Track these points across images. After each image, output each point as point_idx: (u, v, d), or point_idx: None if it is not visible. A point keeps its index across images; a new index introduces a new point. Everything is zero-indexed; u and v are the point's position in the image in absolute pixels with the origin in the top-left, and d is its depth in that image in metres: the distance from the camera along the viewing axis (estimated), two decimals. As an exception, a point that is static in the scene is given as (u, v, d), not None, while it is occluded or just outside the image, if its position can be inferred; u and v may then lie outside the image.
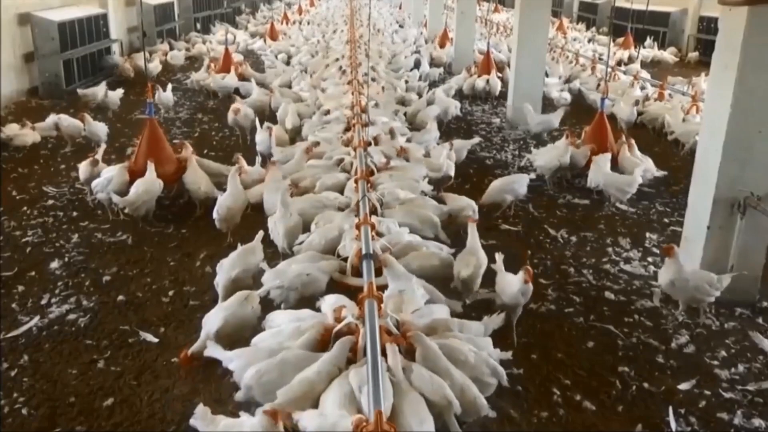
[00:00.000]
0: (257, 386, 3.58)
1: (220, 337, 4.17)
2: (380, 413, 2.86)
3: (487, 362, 3.79)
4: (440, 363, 3.61)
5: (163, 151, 7.27)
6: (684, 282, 4.95)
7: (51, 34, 12.14)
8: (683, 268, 4.98)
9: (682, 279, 4.95)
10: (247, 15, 27.83)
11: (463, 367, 3.68)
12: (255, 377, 3.59)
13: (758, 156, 5.09)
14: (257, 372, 3.60)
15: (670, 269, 4.98)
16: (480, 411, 3.59)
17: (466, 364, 3.71)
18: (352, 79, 11.02)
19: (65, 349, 4.64)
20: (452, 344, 3.80)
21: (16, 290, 5.44)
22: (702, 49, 18.97)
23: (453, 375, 3.57)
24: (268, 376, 3.58)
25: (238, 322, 4.26)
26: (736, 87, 4.93)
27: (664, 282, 5.04)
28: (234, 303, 4.32)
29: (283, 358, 3.65)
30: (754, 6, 4.75)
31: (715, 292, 4.99)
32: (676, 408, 4.16)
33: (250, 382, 3.60)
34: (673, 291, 5.05)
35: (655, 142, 10.07)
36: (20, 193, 7.64)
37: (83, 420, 3.94)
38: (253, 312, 4.35)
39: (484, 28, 21.02)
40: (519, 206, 7.52)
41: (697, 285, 4.95)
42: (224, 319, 4.20)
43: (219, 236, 6.33)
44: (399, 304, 4.24)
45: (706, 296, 4.98)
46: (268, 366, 3.62)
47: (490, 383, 3.78)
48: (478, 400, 3.56)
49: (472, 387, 3.58)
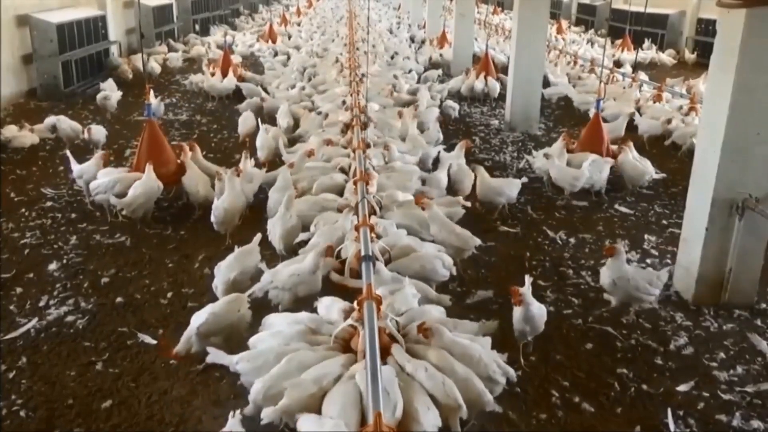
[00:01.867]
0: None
1: (204, 337, 4.18)
2: (379, 415, 2.85)
3: (496, 360, 3.82)
4: (449, 359, 3.66)
5: (162, 153, 7.28)
6: (625, 282, 4.92)
7: (49, 35, 12.16)
8: (624, 267, 4.96)
9: (624, 278, 4.92)
10: (246, 17, 27.85)
11: (477, 366, 3.71)
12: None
13: (756, 158, 5.10)
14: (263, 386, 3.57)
15: (612, 268, 4.95)
16: (485, 406, 3.61)
17: (480, 362, 3.73)
18: (351, 80, 11.03)
19: (63, 350, 4.64)
20: (464, 342, 3.83)
21: (14, 292, 5.44)
22: (700, 51, 19.01)
23: (457, 372, 3.59)
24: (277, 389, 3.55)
25: (223, 323, 4.24)
26: (735, 89, 4.93)
27: (606, 281, 5.00)
28: (220, 304, 4.32)
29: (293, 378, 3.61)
30: (752, 8, 4.75)
31: (655, 291, 4.98)
32: (675, 410, 4.16)
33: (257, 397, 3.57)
34: (614, 290, 5.00)
35: (653, 144, 10.08)
36: (18, 194, 7.64)
37: (81, 422, 3.93)
38: (240, 315, 4.33)
39: (483, 30, 21.03)
40: (517, 208, 7.53)
41: (638, 284, 4.93)
42: (208, 316, 4.20)
43: (217, 238, 6.32)
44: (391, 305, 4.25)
45: (646, 295, 4.96)
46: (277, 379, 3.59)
47: (500, 381, 3.80)
48: (483, 395, 3.58)
49: (478, 382, 3.60)
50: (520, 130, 11.03)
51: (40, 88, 12.45)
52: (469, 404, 3.51)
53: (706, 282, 5.40)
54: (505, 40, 19.33)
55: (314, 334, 4.10)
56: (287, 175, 6.52)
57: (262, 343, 4.03)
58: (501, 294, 5.15)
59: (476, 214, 7.16)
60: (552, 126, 11.63)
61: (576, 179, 7.56)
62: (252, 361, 3.81)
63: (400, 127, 8.96)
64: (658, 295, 5.17)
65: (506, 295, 4.80)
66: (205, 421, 3.92)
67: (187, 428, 3.88)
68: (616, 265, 4.95)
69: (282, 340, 3.98)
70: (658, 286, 5.04)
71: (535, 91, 11.19)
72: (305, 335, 4.05)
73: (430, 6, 21.24)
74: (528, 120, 11.12)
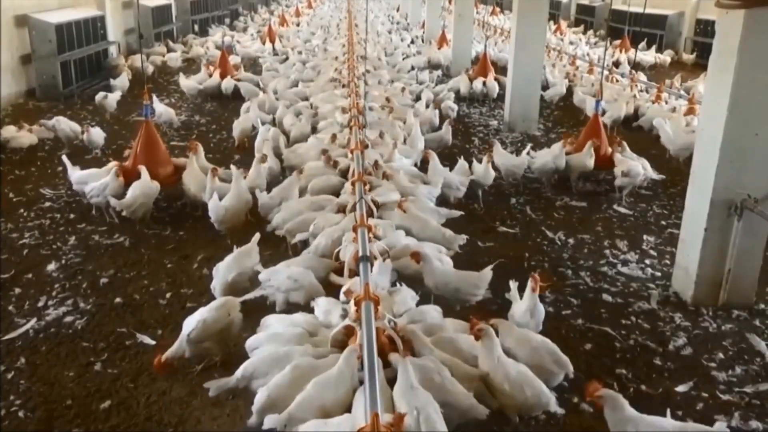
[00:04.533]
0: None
1: (196, 342, 4.15)
2: (376, 415, 2.85)
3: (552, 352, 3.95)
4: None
5: (158, 154, 7.27)
6: (444, 285, 4.75)
7: (48, 36, 12.16)
8: (439, 271, 4.75)
9: (443, 282, 4.74)
10: (245, 17, 27.84)
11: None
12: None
13: (755, 158, 5.10)
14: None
15: (428, 273, 4.71)
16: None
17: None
18: (350, 81, 11.02)
19: (62, 351, 4.64)
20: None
21: (13, 292, 5.43)
22: (699, 52, 19.02)
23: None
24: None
25: (214, 329, 4.21)
26: (733, 89, 4.94)
27: (429, 285, 4.77)
28: (210, 309, 4.27)
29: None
30: (750, 9, 4.76)
31: (479, 291, 4.82)
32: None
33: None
34: (439, 293, 4.80)
35: (652, 145, 10.09)
36: (17, 195, 7.64)
37: (80, 423, 3.93)
38: (230, 319, 4.30)
39: (481, 31, 21.03)
40: (517, 209, 7.54)
41: (458, 287, 4.75)
42: (197, 323, 4.16)
43: (217, 238, 6.32)
44: (390, 305, 4.24)
45: (471, 297, 4.81)
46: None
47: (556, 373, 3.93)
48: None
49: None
50: (519, 130, 11.03)
51: (39, 88, 12.45)
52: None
53: (704, 282, 5.40)
54: (504, 41, 19.34)
55: (312, 336, 4.08)
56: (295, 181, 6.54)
57: (258, 343, 4.01)
58: (499, 294, 5.14)
59: (477, 216, 7.17)
60: (551, 126, 11.64)
61: (518, 168, 8.02)
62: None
63: (404, 125, 8.98)
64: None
65: (505, 293, 4.82)
66: (203, 422, 3.92)
67: (186, 429, 3.88)
68: (429, 267, 4.71)
69: (281, 343, 3.94)
70: (480, 287, 4.82)
71: (534, 92, 11.19)
72: (303, 338, 4.02)
73: (429, 7, 21.24)
74: (527, 120, 11.13)
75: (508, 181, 8.13)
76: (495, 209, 7.52)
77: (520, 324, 4.35)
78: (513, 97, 11.09)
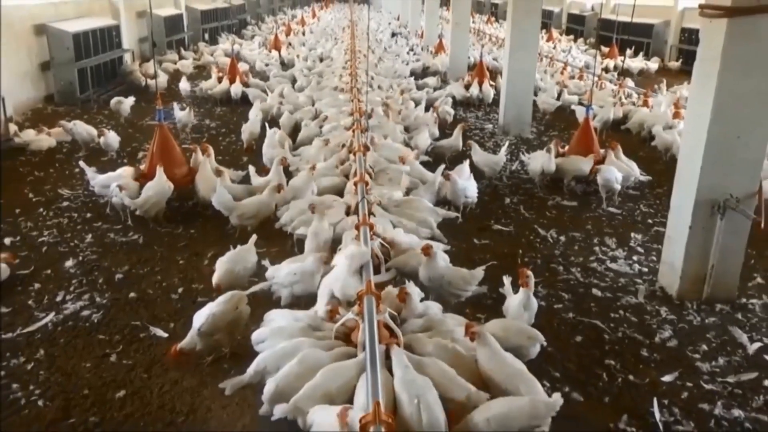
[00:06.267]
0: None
1: (206, 335, 4.15)
2: (378, 404, 2.85)
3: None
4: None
5: (173, 155, 7.27)
6: (439, 278, 4.73)
7: (66, 44, 12.16)
8: (438, 266, 4.75)
9: (438, 276, 4.73)
10: (253, 26, 27.84)
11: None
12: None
13: (737, 160, 5.09)
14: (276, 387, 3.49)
15: (428, 267, 4.73)
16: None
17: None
18: (353, 86, 11.02)
19: (79, 343, 4.64)
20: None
21: (32, 288, 5.43)
22: (684, 59, 19.01)
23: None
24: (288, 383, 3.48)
25: (223, 321, 4.20)
26: (717, 94, 4.93)
27: (423, 278, 4.77)
28: (219, 303, 4.26)
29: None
30: (732, 18, 4.75)
31: (469, 287, 4.79)
32: (660, 399, 4.16)
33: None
34: (430, 285, 4.79)
35: (639, 147, 10.08)
36: (36, 195, 7.64)
37: (96, 411, 3.93)
38: (239, 311, 4.29)
39: (476, 38, 21.03)
40: (511, 208, 7.53)
41: (451, 281, 4.74)
42: (207, 317, 4.15)
43: (226, 236, 6.32)
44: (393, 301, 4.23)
45: (461, 292, 4.79)
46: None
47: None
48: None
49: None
50: (513, 133, 11.01)
51: (57, 93, 12.46)
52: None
53: (689, 278, 5.39)
54: (498, 48, 19.33)
55: (315, 330, 4.07)
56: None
57: (263, 337, 4.00)
58: (495, 290, 5.14)
59: (472, 215, 7.16)
60: (543, 130, 11.62)
61: (496, 164, 8.22)
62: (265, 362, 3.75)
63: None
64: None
65: (499, 288, 4.82)
66: (214, 410, 3.92)
67: (197, 417, 3.89)
68: (432, 263, 4.72)
69: (284, 337, 3.91)
70: (471, 283, 4.80)
71: (528, 97, 11.18)
72: (306, 332, 4.01)
73: (428, 16, 21.23)
74: (521, 124, 11.11)
75: (491, 177, 8.24)
76: (490, 208, 7.51)
77: (515, 317, 4.34)
78: (507, 101, 11.07)
